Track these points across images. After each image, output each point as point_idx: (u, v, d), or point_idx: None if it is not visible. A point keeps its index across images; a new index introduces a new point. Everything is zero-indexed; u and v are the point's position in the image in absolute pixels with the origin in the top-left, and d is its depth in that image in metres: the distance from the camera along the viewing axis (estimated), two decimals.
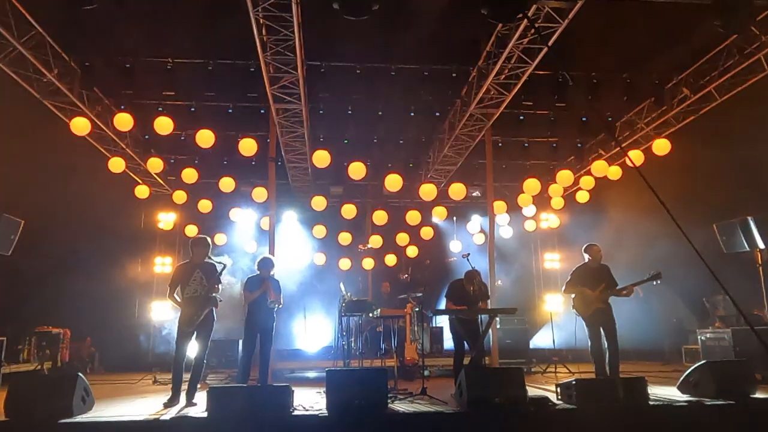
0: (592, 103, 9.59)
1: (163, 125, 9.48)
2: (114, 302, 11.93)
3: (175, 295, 6.46)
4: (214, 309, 6.54)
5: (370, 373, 6.51)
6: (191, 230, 12.77)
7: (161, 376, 9.18)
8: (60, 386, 5.27)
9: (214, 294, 6.49)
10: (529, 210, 13.50)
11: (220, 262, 6.69)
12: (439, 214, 12.84)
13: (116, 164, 10.49)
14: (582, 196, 12.30)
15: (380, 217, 12.47)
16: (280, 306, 7.37)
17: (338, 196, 13.35)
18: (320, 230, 13.05)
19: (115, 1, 5.97)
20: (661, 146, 9.79)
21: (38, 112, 9.07)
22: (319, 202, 11.98)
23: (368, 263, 13.33)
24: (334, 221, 13.17)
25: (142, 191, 12.06)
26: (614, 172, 11.20)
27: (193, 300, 6.39)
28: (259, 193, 11.36)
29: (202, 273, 6.49)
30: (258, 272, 7.36)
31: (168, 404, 6.04)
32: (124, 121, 9.44)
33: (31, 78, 8.46)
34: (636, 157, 10.14)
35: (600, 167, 10.94)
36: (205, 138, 9.65)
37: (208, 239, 6.71)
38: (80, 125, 9.18)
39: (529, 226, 14.04)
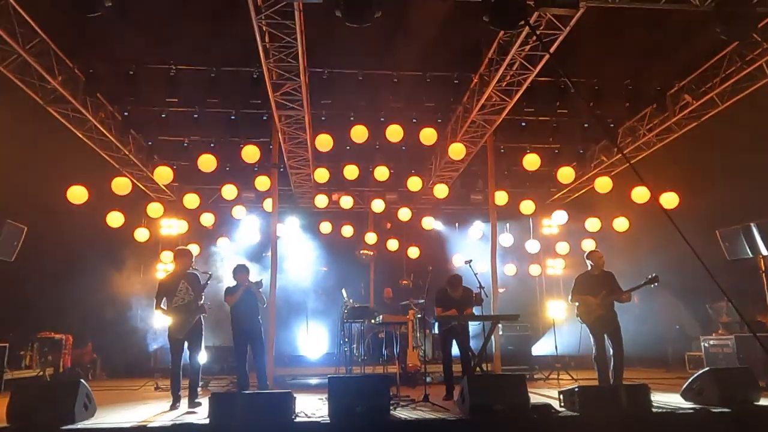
0: (594, 110, 9.59)
1: (207, 162, 10.20)
2: (116, 308, 11.93)
3: (161, 305, 6.69)
4: (202, 316, 6.76)
5: (372, 379, 6.52)
6: (194, 249, 12.88)
7: (163, 383, 9.17)
8: (62, 393, 5.27)
9: (201, 302, 6.72)
10: (533, 245, 13.63)
11: (205, 272, 7.01)
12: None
13: (121, 185, 10.57)
14: (592, 225, 12.38)
15: (378, 205, 12.44)
16: (264, 305, 7.49)
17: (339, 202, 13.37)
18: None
19: (119, 9, 5.99)
20: (669, 200, 9.93)
21: (42, 119, 9.11)
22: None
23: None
24: (336, 229, 13.21)
25: (141, 234, 12.38)
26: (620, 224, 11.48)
27: (181, 309, 6.61)
28: (262, 182, 11.37)
29: (187, 283, 6.74)
30: (235, 281, 7.40)
31: (172, 410, 6.19)
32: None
33: (35, 84, 8.51)
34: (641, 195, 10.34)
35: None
36: (207, 162, 10.03)
37: (191, 250, 7.12)
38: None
39: (534, 270, 14.21)
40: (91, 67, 8.89)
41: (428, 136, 10.29)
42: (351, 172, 11.28)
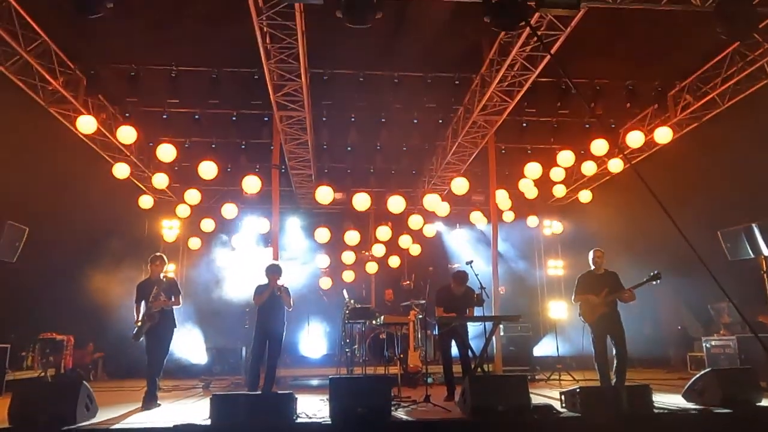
0: (595, 110, 9.59)
1: (166, 153, 9.86)
2: (117, 309, 11.93)
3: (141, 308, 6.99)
4: (173, 319, 7.12)
5: (374, 380, 6.53)
6: (194, 243, 12.89)
7: (163, 383, 9.16)
8: (63, 393, 5.27)
9: (174, 306, 7.11)
10: (531, 221, 13.56)
11: (173, 278, 7.59)
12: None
13: (120, 170, 10.50)
14: (585, 196, 12.26)
15: (384, 233, 12.51)
16: (290, 309, 7.51)
17: (342, 202, 13.37)
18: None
19: (120, 10, 6.01)
20: (663, 135, 9.73)
21: (43, 120, 9.12)
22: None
23: (372, 267, 13.29)
24: (336, 230, 13.20)
25: (145, 201, 12.10)
26: (615, 165, 11.09)
27: (153, 315, 6.90)
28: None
29: (159, 289, 6.98)
30: (267, 279, 7.45)
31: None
32: (127, 134, 9.62)
33: (37, 86, 8.52)
34: (635, 139, 10.11)
35: (598, 146, 10.66)
36: (208, 170, 9.97)
37: (164, 257, 7.36)
38: (86, 124, 9.26)
39: (532, 222, 13.99)
40: (92, 68, 8.91)
41: (433, 202, 11.02)
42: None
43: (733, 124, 9.32)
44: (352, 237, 12.85)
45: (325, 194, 10.79)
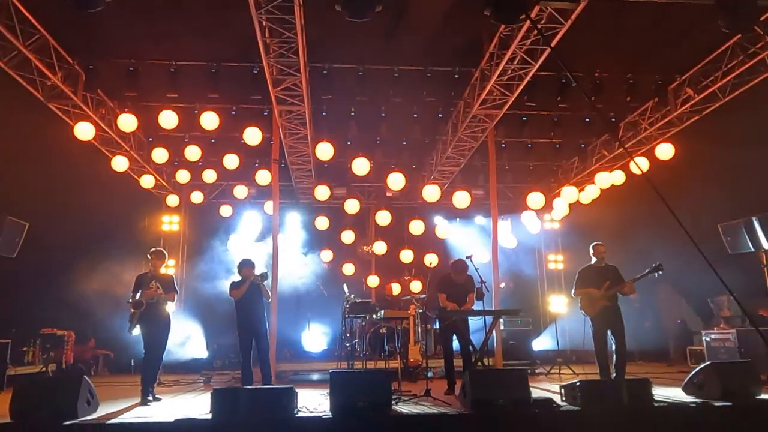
0: (596, 104, 9.57)
1: (168, 120, 9.55)
2: (118, 304, 11.95)
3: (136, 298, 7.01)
4: (168, 316, 7.14)
5: (374, 374, 6.55)
6: (197, 197, 12.86)
7: (164, 378, 9.19)
8: (64, 388, 5.30)
9: (169, 301, 7.14)
10: (533, 224, 13.60)
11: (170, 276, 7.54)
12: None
13: (119, 163, 10.50)
14: (586, 198, 12.31)
15: (383, 217, 12.48)
16: (269, 300, 7.64)
17: (341, 197, 13.36)
18: (323, 222, 13.03)
19: (119, 4, 5.99)
20: (665, 151, 9.79)
21: (42, 115, 9.10)
22: (322, 193, 11.81)
23: (373, 281, 13.38)
24: (336, 225, 13.19)
25: (147, 181, 12.00)
26: (617, 178, 11.19)
27: (140, 303, 6.92)
28: (263, 176, 11.39)
29: (157, 282, 7.04)
30: (240, 276, 7.47)
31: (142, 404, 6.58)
32: (127, 122, 9.49)
33: (36, 81, 8.49)
34: (641, 162, 10.17)
35: (604, 179, 10.91)
36: (210, 120, 9.69)
37: (165, 252, 7.43)
38: (84, 130, 9.24)
39: (534, 228, 14.04)
40: (91, 63, 8.87)
41: (431, 194, 11.19)
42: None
43: (734, 117, 9.30)
44: (349, 235, 12.96)
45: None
